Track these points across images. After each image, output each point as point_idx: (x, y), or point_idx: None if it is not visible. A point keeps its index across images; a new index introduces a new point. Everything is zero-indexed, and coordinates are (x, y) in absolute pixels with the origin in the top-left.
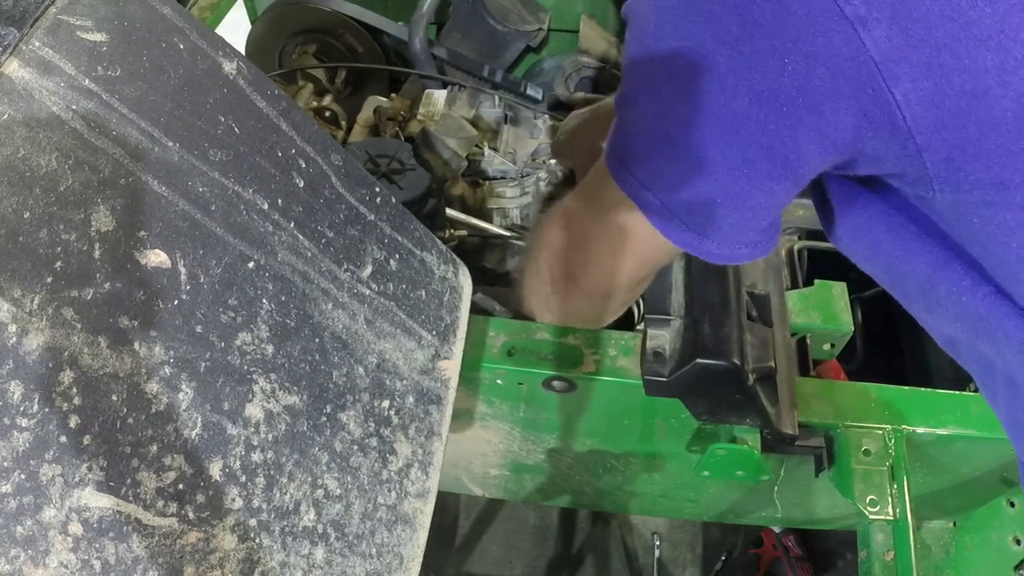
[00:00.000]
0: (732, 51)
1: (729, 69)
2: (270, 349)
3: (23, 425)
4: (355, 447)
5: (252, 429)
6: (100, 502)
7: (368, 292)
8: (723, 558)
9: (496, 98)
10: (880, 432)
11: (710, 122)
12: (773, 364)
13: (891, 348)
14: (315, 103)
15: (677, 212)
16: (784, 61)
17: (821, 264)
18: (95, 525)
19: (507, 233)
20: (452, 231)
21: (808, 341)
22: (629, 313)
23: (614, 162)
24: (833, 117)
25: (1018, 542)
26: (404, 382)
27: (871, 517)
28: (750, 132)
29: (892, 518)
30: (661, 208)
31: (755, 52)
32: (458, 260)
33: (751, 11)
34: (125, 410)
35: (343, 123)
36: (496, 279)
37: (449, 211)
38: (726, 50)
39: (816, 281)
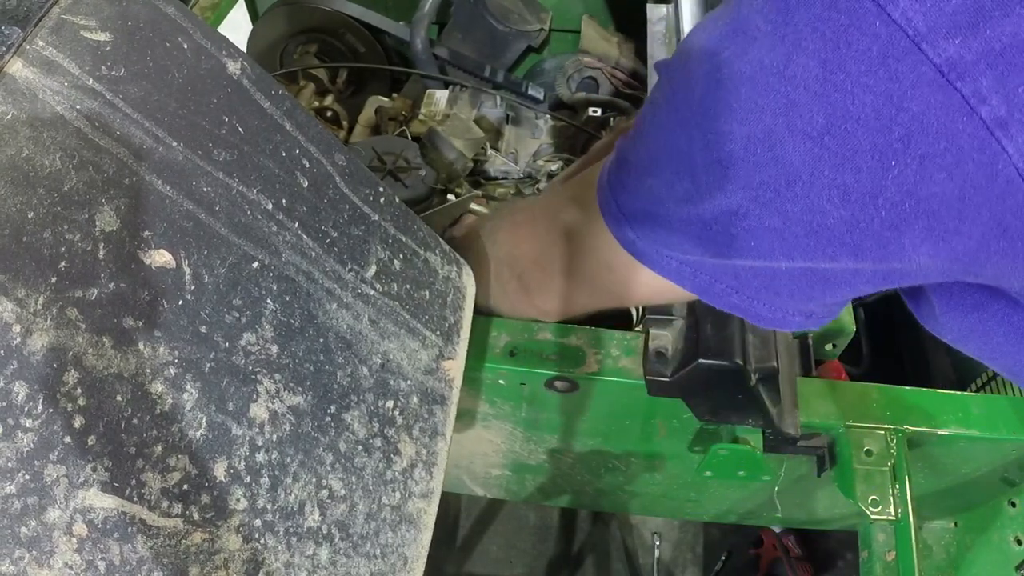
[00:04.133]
0: (813, 145)
1: (805, 164)
2: (275, 349)
3: (27, 426)
4: (359, 447)
5: (257, 429)
6: (105, 503)
7: (372, 292)
8: (723, 558)
9: (497, 98)
10: (882, 432)
11: (771, 215)
12: (775, 364)
13: (892, 350)
14: (317, 103)
15: (720, 277)
16: (888, 163)
17: None
18: (100, 526)
19: None
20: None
21: (810, 341)
22: (627, 314)
23: (622, 224)
24: (954, 224)
25: (1019, 542)
26: (408, 382)
27: (873, 517)
28: (831, 230)
29: (894, 518)
30: (695, 274)
31: (846, 150)
32: (461, 260)
33: (846, 103)
34: (130, 411)
35: (345, 123)
36: None
37: (475, 206)
38: (804, 143)
39: None
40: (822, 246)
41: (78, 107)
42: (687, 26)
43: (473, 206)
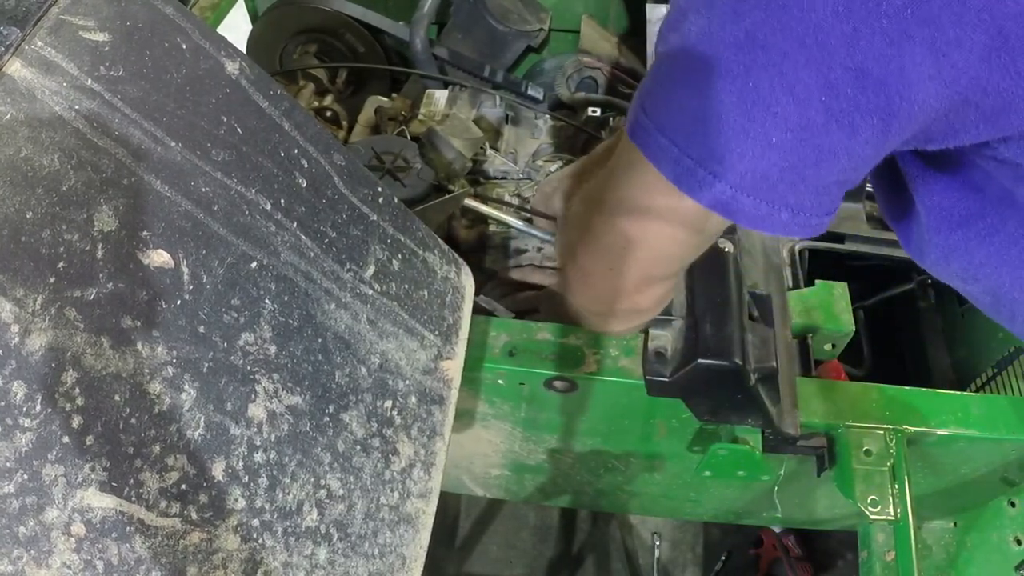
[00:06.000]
0: None
1: None
2: (273, 349)
3: (26, 425)
4: (358, 447)
5: (255, 429)
6: (103, 502)
7: (371, 292)
8: (723, 558)
9: (497, 98)
10: (881, 432)
11: (779, 38)
12: (775, 364)
13: (892, 350)
14: (316, 103)
15: (706, 162)
16: None
17: (822, 264)
18: (98, 525)
19: (520, 223)
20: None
21: (809, 341)
22: None
23: (637, 117)
24: (955, 33)
25: (1019, 542)
26: (407, 382)
27: (872, 517)
28: (832, 50)
29: (893, 518)
30: (680, 157)
31: None
32: (460, 260)
33: None
34: (128, 410)
35: (344, 123)
36: (493, 277)
37: (469, 202)
38: None
39: (817, 281)
40: (824, 72)
41: (77, 107)
42: None
43: (467, 202)
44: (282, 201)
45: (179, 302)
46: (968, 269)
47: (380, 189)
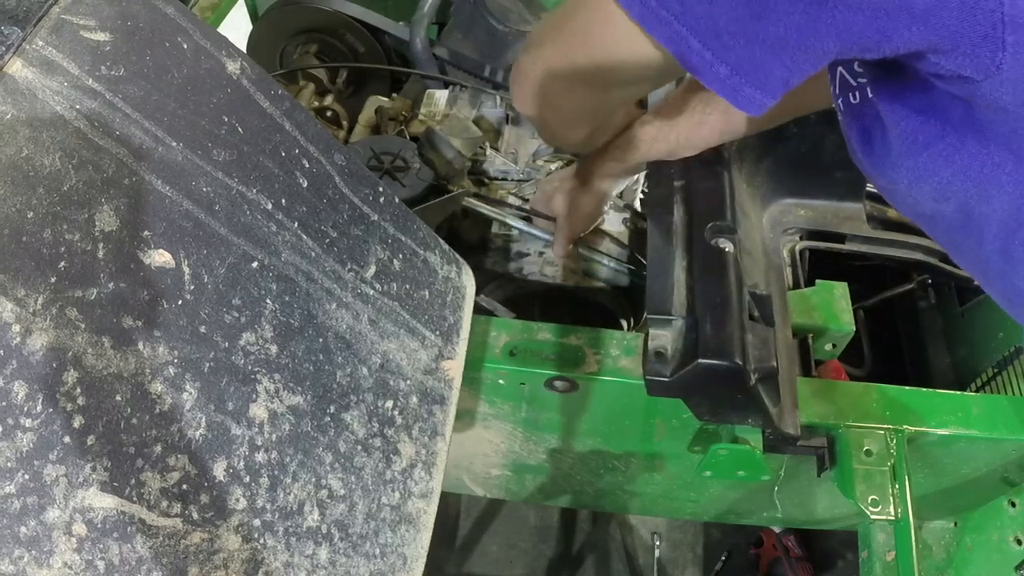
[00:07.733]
0: None
1: None
2: (274, 349)
3: (27, 425)
4: (359, 447)
5: (256, 429)
6: (104, 502)
7: (372, 292)
8: (723, 558)
9: (498, 98)
10: (882, 432)
11: None
12: (775, 364)
13: (892, 350)
14: (316, 103)
15: (697, 30)
16: None
17: (822, 264)
18: (99, 526)
19: (522, 224)
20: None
21: (810, 341)
22: (616, 318)
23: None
24: None
25: (1019, 542)
26: (408, 382)
27: (872, 517)
28: None
29: (893, 518)
30: (678, 31)
31: None
32: (461, 260)
33: None
34: (129, 410)
35: (344, 123)
36: (494, 278)
37: (469, 200)
38: None
39: (817, 281)
40: None
41: (78, 107)
42: None
43: (468, 201)
44: (283, 201)
45: (180, 302)
46: (938, 188)
47: (381, 189)
